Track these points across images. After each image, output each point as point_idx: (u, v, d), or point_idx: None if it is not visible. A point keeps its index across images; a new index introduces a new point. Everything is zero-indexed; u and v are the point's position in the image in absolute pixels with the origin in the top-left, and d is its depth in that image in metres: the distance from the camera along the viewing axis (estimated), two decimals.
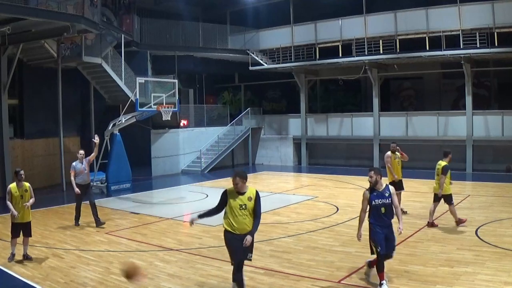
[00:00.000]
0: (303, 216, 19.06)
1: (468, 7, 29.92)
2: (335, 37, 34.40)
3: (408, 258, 12.99)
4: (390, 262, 12.45)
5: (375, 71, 34.25)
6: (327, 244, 14.78)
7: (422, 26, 31.02)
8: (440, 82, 36.80)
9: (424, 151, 31.81)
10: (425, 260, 12.87)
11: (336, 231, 16.49)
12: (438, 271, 11.89)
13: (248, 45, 38.16)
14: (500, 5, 28.90)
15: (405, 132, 33.44)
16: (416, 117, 33.55)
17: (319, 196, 23.64)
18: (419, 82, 37.92)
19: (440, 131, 32.16)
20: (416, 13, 31.46)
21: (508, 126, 30.34)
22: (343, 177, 30.30)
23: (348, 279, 11.57)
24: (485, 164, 31.32)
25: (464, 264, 12.35)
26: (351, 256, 13.41)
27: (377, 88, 34.63)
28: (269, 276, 11.85)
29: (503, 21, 28.83)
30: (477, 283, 11.00)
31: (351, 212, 19.38)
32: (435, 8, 30.90)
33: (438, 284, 11.00)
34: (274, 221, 18.21)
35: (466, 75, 31.04)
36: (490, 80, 35.19)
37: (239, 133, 38.03)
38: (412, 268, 12.15)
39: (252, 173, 34.27)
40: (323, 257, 13.34)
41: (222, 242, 12.45)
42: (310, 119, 37.78)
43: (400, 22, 31.75)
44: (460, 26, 29.94)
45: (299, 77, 37.83)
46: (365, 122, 35.24)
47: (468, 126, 31.21)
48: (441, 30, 30.48)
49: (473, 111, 31.27)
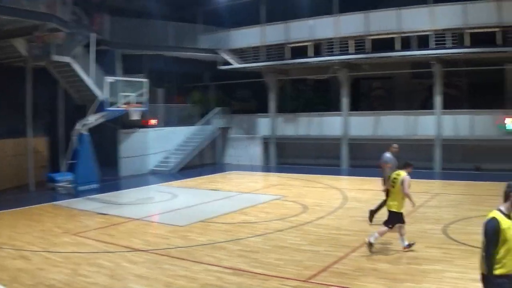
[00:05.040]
0: (271, 216, 18.97)
1: (440, 7, 30.11)
2: (306, 37, 34.48)
3: (376, 256, 13.01)
4: (358, 260, 12.48)
5: (345, 71, 34.28)
6: (295, 243, 14.71)
7: (394, 26, 31.17)
8: (410, 82, 36.89)
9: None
10: (393, 258, 12.93)
11: (304, 230, 16.43)
12: (406, 269, 11.93)
13: (218, 45, 38.01)
14: (472, 6, 29.14)
15: (374, 131, 33.50)
16: (385, 116, 33.65)
17: (288, 196, 23.57)
18: (389, 82, 38.05)
19: (409, 131, 32.24)
20: (388, 14, 31.59)
21: (477, 125, 30.59)
22: (312, 177, 30.25)
23: (316, 278, 11.49)
24: (454, 163, 31.44)
25: (433, 262, 12.39)
26: (319, 255, 13.35)
27: (346, 88, 34.69)
28: (237, 276, 11.72)
29: (476, 21, 29.07)
30: (446, 280, 11.03)
31: (319, 211, 19.42)
32: (407, 9, 31.02)
33: (406, 282, 11.01)
34: (242, 221, 18.12)
35: (436, 75, 31.21)
36: (460, 80, 35.37)
37: (208, 132, 37.83)
38: (381, 266, 12.16)
39: (220, 173, 34.19)
40: (291, 256, 13.26)
41: (189, 242, 12.34)
42: (279, 118, 37.71)
43: (372, 23, 31.86)
44: (432, 27, 30.12)
45: (269, 77, 37.76)
46: (333, 122, 35.23)
47: (437, 125, 31.38)
48: (413, 30, 30.66)
49: (442, 110, 31.48)
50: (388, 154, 18.44)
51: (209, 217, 18.57)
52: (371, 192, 23.22)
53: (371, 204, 18.64)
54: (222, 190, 26.12)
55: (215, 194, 24.82)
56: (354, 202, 21.63)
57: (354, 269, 11.94)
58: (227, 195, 24.24)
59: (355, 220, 17.91)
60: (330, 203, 21.36)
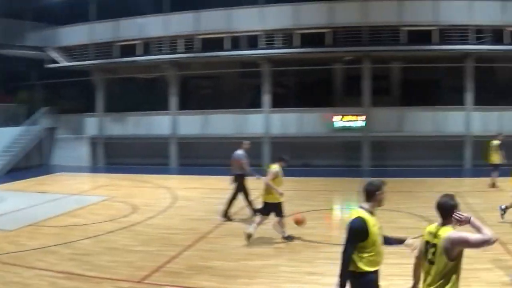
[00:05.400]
0: (101, 217, 18.61)
1: (270, 8, 30.85)
2: (136, 35, 34.24)
3: (209, 254, 13.19)
4: (191, 259, 12.57)
5: (174, 70, 34.37)
6: (126, 244, 14.59)
7: (224, 26, 31.56)
8: (240, 81, 37.45)
9: (220, 148, 32.33)
10: (226, 255, 13.13)
11: (135, 231, 16.33)
12: (239, 265, 12.17)
13: (46, 42, 36.68)
14: (303, 7, 30.14)
15: (203, 130, 33.76)
16: (214, 115, 34.00)
17: (117, 196, 23.20)
18: (218, 81, 38.36)
19: (238, 129, 32.75)
20: (218, 13, 31.94)
21: (306, 123, 31.69)
22: (141, 176, 30.01)
23: (149, 278, 11.49)
24: None
25: (265, 257, 12.73)
26: (151, 255, 13.32)
27: (175, 87, 34.78)
28: (70, 280, 11.44)
29: (306, 22, 30.06)
30: (280, 274, 11.39)
31: (149, 211, 19.35)
32: (237, 9, 31.52)
33: (240, 278, 11.26)
34: (72, 223, 17.64)
35: (265, 75, 31.92)
36: (289, 80, 36.35)
37: (35, 133, 36.43)
38: (214, 264, 12.34)
39: (48, 174, 33.04)
40: (123, 258, 13.14)
41: (20, 247, 11.97)
42: (107, 118, 37.12)
43: (202, 22, 32.08)
44: (262, 27, 30.78)
45: (97, 76, 37.11)
46: (162, 121, 35.25)
47: (266, 123, 32.13)
48: (242, 30, 31.18)
49: (271, 109, 32.29)
50: (240, 151, 18.54)
51: (39, 221, 17.91)
52: (201, 191, 23.45)
53: (201, 203, 19.02)
54: (51, 192, 25.20)
55: (43, 196, 23.85)
56: (184, 201, 21.69)
57: (187, 267, 12.01)
58: (56, 197, 23.45)
59: (186, 219, 18.01)
60: (159, 203, 21.31)
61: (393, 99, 34.19)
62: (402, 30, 30.61)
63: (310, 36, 31.06)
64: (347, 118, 32.00)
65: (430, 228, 6.66)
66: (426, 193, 21.49)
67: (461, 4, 30.81)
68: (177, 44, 33.20)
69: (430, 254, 6.42)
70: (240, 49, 31.67)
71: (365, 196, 7.18)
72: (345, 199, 22.36)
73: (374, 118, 31.89)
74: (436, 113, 31.91)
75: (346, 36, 30.95)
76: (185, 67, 35.10)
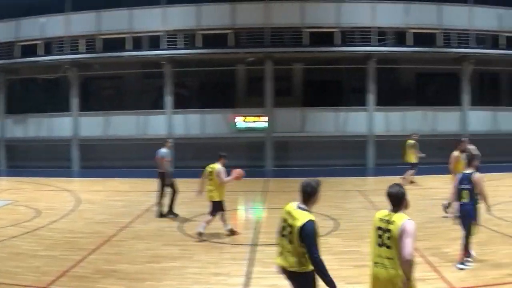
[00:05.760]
0: (4, 222, 18.07)
1: (173, 8, 30.80)
2: (37, 35, 33.44)
3: (115, 257, 13.02)
4: (97, 263, 12.41)
5: (75, 70, 33.77)
6: (31, 249, 14.16)
7: (126, 26, 31.30)
8: (141, 81, 37.16)
9: (124, 150, 32.13)
10: (131, 258, 13.00)
11: (39, 235, 15.88)
12: (145, 268, 12.09)
13: None
14: (204, 8, 30.31)
15: (105, 131, 33.36)
16: (116, 116, 33.62)
17: (19, 200, 22.45)
18: (120, 81, 37.93)
19: (140, 130, 32.64)
20: (120, 13, 31.65)
21: (208, 124, 31.84)
22: (43, 180, 29.23)
23: (55, 283, 11.22)
24: (186, 161, 32.11)
25: (172, 259, 12.71)
26: (56, 260, 12.99)
27: (76, 88, 34.20)
28: None
29: (208, 23, 30.33)
30: (187, 276, 11.41)
31: (52, 215, 18.86)
32: (139, 9, 31.33)
33: (147, 280, 11.20)
34: None
35: (167, 75, 31.82)
36: (192, 80, 36.36)
37: None
38: (120, 267, 12.19)
39: None
40: (28, 263, 12.77)
41: None
42: (8, 120, 36.13)
43: (104, 22, 31.73)
44: (165, 27, 30.71)
45: None
46: (63, 123, 34.59)
47: (168, 124, 32.09)
48: (144, 31, 31.02)
49: (173, 110, 32.21)
50: (164, 149, 18.91)
51: None
52: (104, 193, 23.17)
53: (104, 206, 18.99)
54: None
55: None
56: (87, 204, 21.28)
57: (93, 271, 11.84)
58: None
59: (90, 222, 17.65)
60: (63, 206, 20.79)
61: (296, 100, 34.68)
62: (305, 31, 31.09)
63: (212, 37, 31.24)
64: (250, 119, 32.34)
65: (380, 215, 7.07)
66: (329, 192, 21.80)
67: (363, 6, 31.69)
68: (78, 44, 32.69)
69: (385, 239, 6.86)
70: (142, 50, 31.48)
71: (304, 197, 7.23)
72: (249, 199, 22.62)
73: (277, 119, 32.35)
74: (338, 113, 32.62)
75: (248, 37, 31.30)
76: (86, 68, 34.50)
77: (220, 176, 14.89)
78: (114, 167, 31.22)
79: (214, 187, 15.06)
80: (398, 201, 6.93)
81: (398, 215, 6.84)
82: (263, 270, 11.76)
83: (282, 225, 7.31)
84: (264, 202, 16.57)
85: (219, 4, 31.52)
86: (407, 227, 6.66)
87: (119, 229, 16.18)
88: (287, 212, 7.28)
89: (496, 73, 37.31)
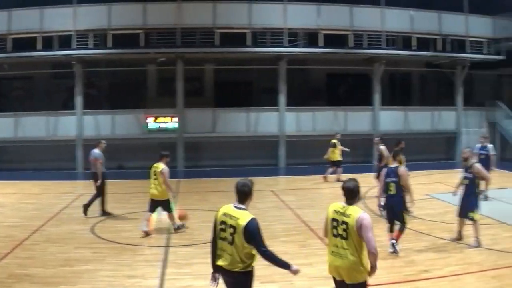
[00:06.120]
0: None
1: (83, 8, 30.51)
2: None
3: (27, 261, 12.77)
4: (9, 267, 12.17)
5: None
6: None
7: (36, 25, 30.66)
8: (52, 82, 36.47)
9: (34, 151, 31.50)
10: (44, 261, 12.78)
11: None
12: (59, 272, 11.94)
13: None
14: (117, 7, 30.09)
15: (15, 133, 32.35)
16: (25, 117, 32.70)
17: None
18: (30, 82, 37.07)
19: (50, 131, 31.96)
20: (31, 12, 31.04)
21: (118, 124, 31.57)
22: None
23: None
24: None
25: (84, 262, 12.61)
26: None
27: None
28: None
29: (119, 23, 30.03)
30: (100, 279, 11.35)
31: None
32: (50, 8, 30.93)
33: (61, 284, 11.08)
34: None
35: (77, 76, 31.39)
36: (102, 81, 36.00)
37: None
38: (33, 271, 11.98)
39: None
40: None
41: None
42: None
43: (14, 21, 30.97)
44: (75, 27, 30.26)
45: None
46: None
47: (79, 125, 31.69)
48: (55, 30, 30.47)
49: (83, 110, 31.75)
50: (97, 150, 18.69)
51: None
52: (15, 196, 22.61)
53: (15, 209, 18.75)
54: None
55: None
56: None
57: (6, 276, 11.61)
58: None
59: (0, 226, 17.14)
60: None
61: (207, 100, 34.85)
62: (216, 32, 31.17)
63: (123, 37, 30.94)
64: (161, 119, 32.20)
65: (335, 207, 7.58)
66: None
67: (275, 7, 31.99)
68: None
69: (340, 230, 7.41)
70: (52, 50, 30.89)
71: (241, 197, 7.37)
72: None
73: (188, 119, 32.37)
74: (249, 114, 32.84)
75: (159, 37, 31.11)
76: None
77: (164, 175, 15.24)
78: (25, 169, 30.55)
79: (157, 186, 15.42)
80: (353, 195, 7.49)
81: (353, 208, 7.38)
82: (177, 271, 11.89)
83: (220, 227, 7.37)
84: (175, 203, 16.47)
85: (130, 4, 31.29)
86: (364, 221, 7.23)
87: (31, 233, 15.83)
88: (224, 214, 7.37)
89: (407, 74, 38.47)
